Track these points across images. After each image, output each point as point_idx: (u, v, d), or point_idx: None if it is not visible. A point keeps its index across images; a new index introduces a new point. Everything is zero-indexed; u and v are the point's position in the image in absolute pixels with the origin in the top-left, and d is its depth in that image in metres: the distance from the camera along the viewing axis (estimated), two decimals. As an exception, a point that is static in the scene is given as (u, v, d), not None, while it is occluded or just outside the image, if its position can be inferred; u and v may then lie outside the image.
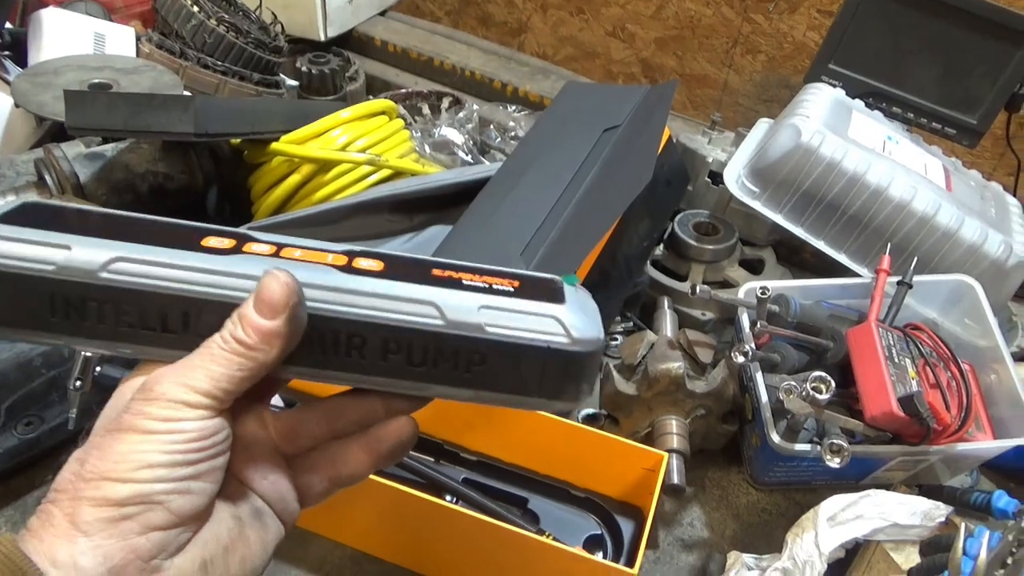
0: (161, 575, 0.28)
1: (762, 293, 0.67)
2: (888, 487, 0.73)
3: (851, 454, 0.59)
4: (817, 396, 0.58)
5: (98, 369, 0.64)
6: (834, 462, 0.59)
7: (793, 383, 0.60)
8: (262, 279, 0.28)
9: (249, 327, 0.28)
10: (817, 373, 0.58)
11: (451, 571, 0.66)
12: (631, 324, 0.92)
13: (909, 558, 0.66)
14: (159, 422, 0.28)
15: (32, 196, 0.75)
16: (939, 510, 0.63)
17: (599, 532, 0.67)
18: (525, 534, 0.57)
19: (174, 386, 0.28)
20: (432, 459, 0.73)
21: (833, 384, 0.58)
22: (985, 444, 0.67)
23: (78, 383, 0.63)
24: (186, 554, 0.29)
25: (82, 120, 0.65)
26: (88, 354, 0.64)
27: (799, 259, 1.01)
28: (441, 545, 0.64)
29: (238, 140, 0.86)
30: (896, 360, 0.64)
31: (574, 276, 0.36)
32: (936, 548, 0.64)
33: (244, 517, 0.32)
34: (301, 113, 0.87)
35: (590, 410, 0.82)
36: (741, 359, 0.65)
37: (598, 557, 0.65)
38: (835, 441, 0.59)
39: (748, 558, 0.66)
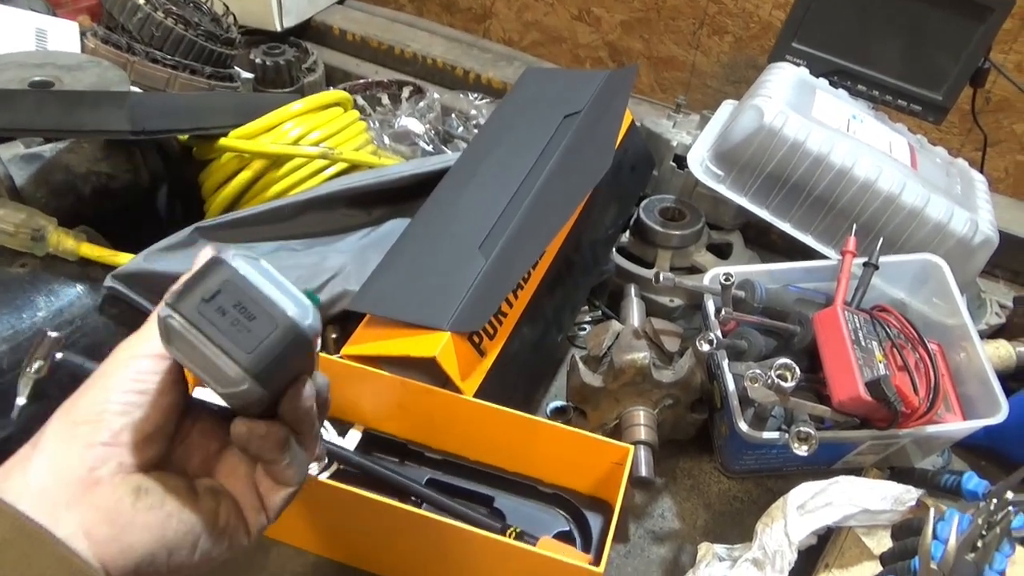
0: (99, 487, 0.32)
1: (726, 280, 0.66)
2: (859, 470, 0.73)
3: (819, 441, 0.58)
4: (782, 384, 0.56)
5: (59, 355, 0.61)
6: (801, 450, 0.58)
7: (758, 371, 0.58)
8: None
9: None
10: (782, 360, 0.57)
11: (415, 573, 0.65)
12: (599, 313, 0.90)
13: (881, 542, 0.65)
14: (119, 365, 0.35)
15: (-34, 201, 0.71)
16: (909, 494, 0.62)
17: (567, 528, 0.66)
18: (486, 535, 0.55)
19: (132, 344, 0.35)
20: (396, 459, 0.71)
21: (798, 371, 0.56)
22: (954, 426, 0.66)
23: (36, 364, 0.60)
24: (127, 477, 0.33)
25: (9, 121, 0.62)
26: (53, 335, 0.62)
27: (767, 241, 1.00)
28: (404, 548, 0.63)
29: (185, 136, 0.83)
30: (863, 344, 0.63)
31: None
32: (908, 532, 0.63)
33: (201, 491, 0.36)
34: (252, 106, 0.84)
35: (559, 403, 0.80)
36: (707, 347, 0.63)
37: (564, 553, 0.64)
38: (802, 429, 0.58)
39: (719, 548, 0.65)
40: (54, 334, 0.63)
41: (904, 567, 0.58)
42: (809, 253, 0.84)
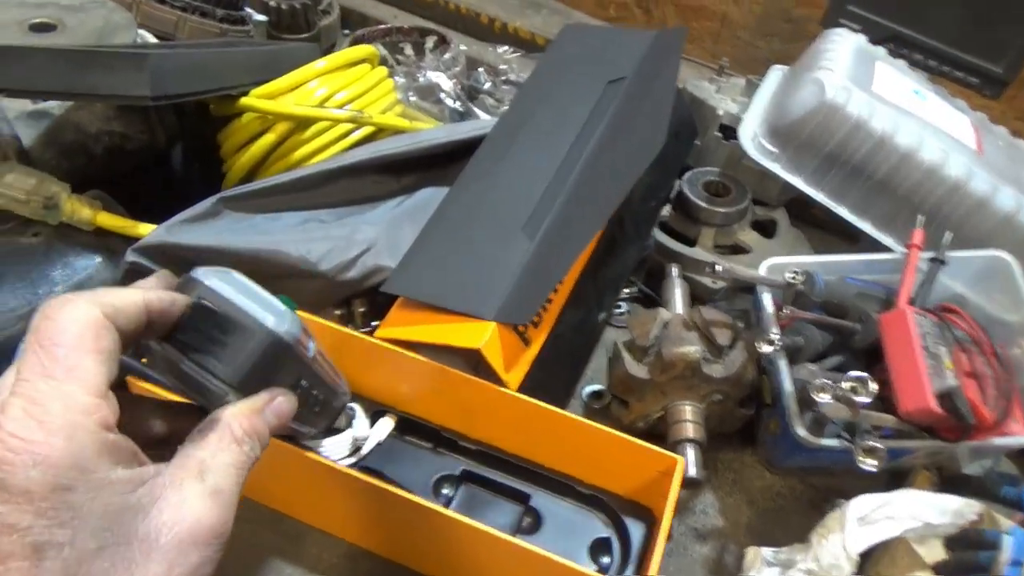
0: None
1: (793, 277, 0.62)
2: (907, 470, 0.70)
3: (886, 454, 0.55)
4: (855, 398, 0.53)
5: None
6: (868, 463, 0.55)
7: (827, 381, 0.55)
8: None
9: None
10: (855, 374, 0.54)
11: (450, 574, 0.62)
12: (635, 290, 0.87)
13: (932, 551, 0.63)
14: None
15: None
16: (971, 507, 0.60)
17: (606, 535, 0.63)
18: (528, 548, 0.52)
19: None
20: (430, 446, 0.69)
21: (874, 387, 0.53)
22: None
23: None
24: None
25: (14, 81, 0.56)
26: None
27: (808, 215, 0.95)
28: (439, 548, 0.60)
29: (203, 94, 0.77)
30: (931, 349, 0.60)
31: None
32: (964, 544, 0.62)
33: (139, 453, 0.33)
34: (271, 60, 0.77)
35: (596, 387, 0.77)
36: (768, 348, 0.60)
37: (604, 562, 0.62)
38: (871, 443, 0.55)
39: (767, 552, 0.63)
40: None
41: (962, 582, 0.57)
42: (856, 231, 0.81)
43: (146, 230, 0.66)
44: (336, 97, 0.77)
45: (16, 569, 0.26)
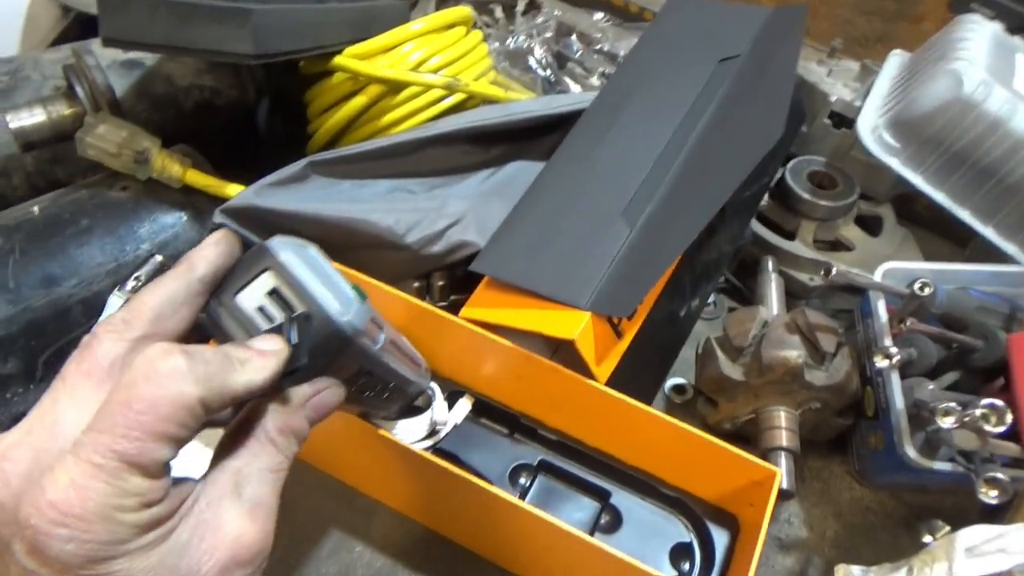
0: None
1: (921, 288, 0.57)
2: (1012, 497, 0.66)
3: (1012, 488, 0.51)
4: (987, 427, 0.49)
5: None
6: (990, 496, 0.51)
7: (953, 405, 0.51)
8: None
9: None
10: (988, 401, 0.49)
11: (525, 567, 0.61)
12: (724, 282, 0.83)
13: (1038, 586, 0.60)
14: None
15: (61, 109, 0.65)
16: (1092, 546, 0.55)
17: (688, 540, 0.60)
18: (606, 549, 0.50)
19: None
20: (507, 432, 0.66)
21: (1009, 417, 0.49)
22: None
23: (131, 284, 0.57)
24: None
25: (120, 32, 0.54)
26: (159, 258, 0.60)
27: (912, 213, 0.89)
28: (513, 540, 0.58)
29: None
30: (1066, 375, 0.55)
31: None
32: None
33: None
34: (366, 18, 0.74)
35: (680, 380, 0.74)
36: (884, 363, 0.56)
37: (684, 568, 0.59)
38: (995, 475, 0.51)
39: (857, 571, 0.60)
40: (159, 258, 0.59)
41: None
42: (965, 234, 0.75)
43: (234, 191, 0.64)
44: (430, 62, 0.74)
45: None
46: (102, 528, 0.26)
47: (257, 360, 0.32)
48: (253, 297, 0.33)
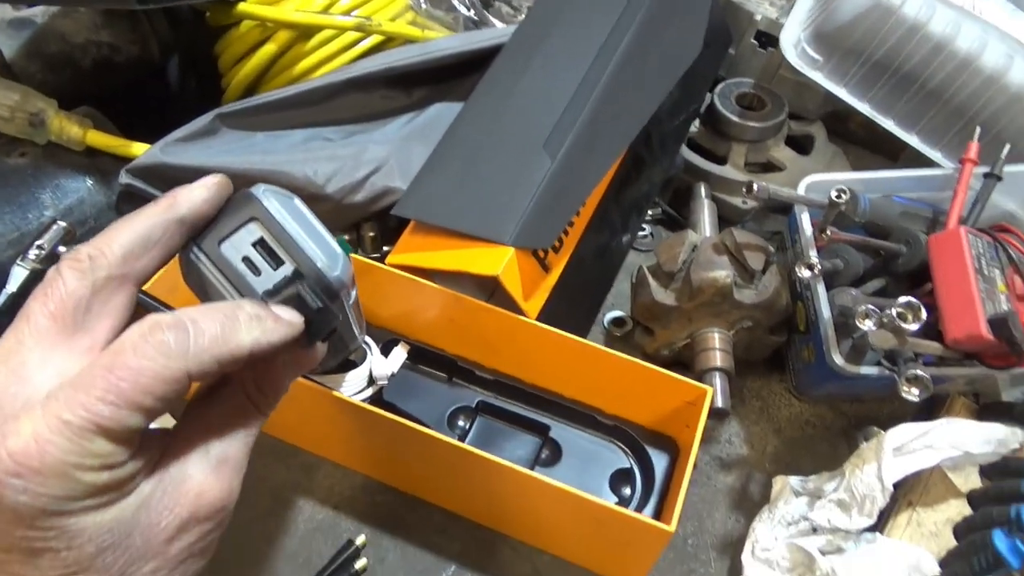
0: None
1: (837, 196, 0.57)
2: (943, 397, 0.67)
3: (931, 384, 0.52)
4: (903, 326, 0.49)
5: (62, 249, 0.56)
6: (912, 393, 0.52)
7: (872, 307, 0.51)
8: None
9: None
10: (905, 299, 0.49)
11: (468, 506, 0.61)
12: (659, 212, 0.82)
13: (968, 479, 0.61)
14: None
15: (-50, 76, 0.62)
16: (1016, 436, 0.56)
17: (628, 466, 0.61)
18: (546, 481, 0.50)
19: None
20: (445, 376, 0.66)
21: (924, 313, 0.49)
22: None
23: (33, 252, 0.54)
24: None
25: (-10, -16, 0.51)
26: (63, 224, 0.57)
27: (844, 129, 0.89)
28: (456, 482, 0.58)
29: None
30: (985, 272, 0.55)
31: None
32: (1001, 472, 0.59)
33: None
34: (271, -38, 0.71)
35: (618, 313, 0.74)
36: (807, 273, 0.56)
37: (625, 493, 0.60)
38: (916, 372, 0.51)
39: (795, 481, 0.61)
40: (63, 224, 0.57)
41: (1003, 513, 0.54)
42: (895, 148, 0.75)
43: (140, 150, 0.62)
44: (341, 3, 0.71)
45: (14, 561, 0.26)
46: (58, 484, 0.25)
47: (271, 323, 0.31)
48: (239, 246, 0.32)
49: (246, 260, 0.32)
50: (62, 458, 0.25)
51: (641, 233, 0.81)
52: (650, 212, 0.81)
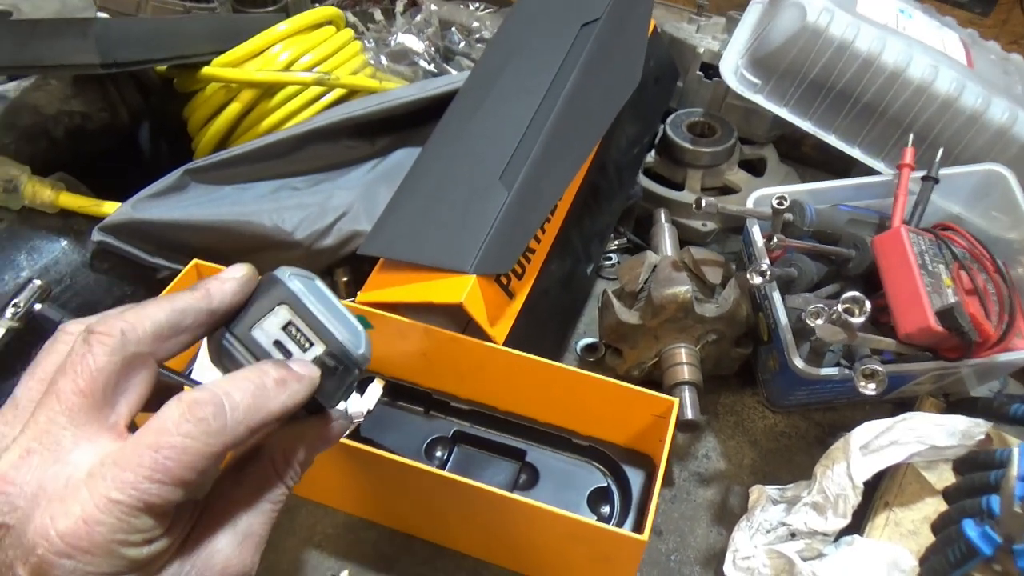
0: None
1: (779, 204, 0.59)
2: (914, 400, 0.68)
3: (887, 378, 0.53)
4: (850, 319, 0.51)
5: (38, 306, 0.58)
6: (868, 388, 0.53)
7: (821, 305, 0.53)
8: None
9: None
10: (850, 294, 0.51)
11: (450, 536, 0.61)
12: (624, 241, 0.84)
13: (942, 477, 0.62)
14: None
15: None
16: (978, 427, 0.58)
17: (605, 484, 0.62)
18: (522, 500, 0.51)
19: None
20: (421, 410, 0.67)
21: (868, 305, 0.51)
22: (1026, 352, 0.61)
23: (10, 312, 0.57)
24: None
25: (-40, 57, 0.54)
26: (37, 282, 0.60)
27: (799, 154, 0.93)
28: (438, 512, 0.59)
29: (164, 68, 0.75)
30: (930, 268, 0.57)
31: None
32: (973, 466, 0.60)
33: None
34: (232, 30, 0.75)
35: (589, 340, 0.75)
36: (758, 280, 0.57)
37: (604, 511, 0.60)
38: (870, 366, 0.53)
39: (772, 490, 0.62)
40: (38, 282, 0.58)
41: (975, 505, 0.55)
42: (847, 165, 0.78)
43: (111, 208, 0.64)
44: (301, 60, 0.75)
45: None
46: (105, 561, 0.27)
47: (295, 384, 0.32)
48: (269, 332, 0.34)
49: (277, 344, 0.34)
50: (110, 536, 0.27)
51: (608, 262, 0.83)
52: (616, 241, 0.84)
